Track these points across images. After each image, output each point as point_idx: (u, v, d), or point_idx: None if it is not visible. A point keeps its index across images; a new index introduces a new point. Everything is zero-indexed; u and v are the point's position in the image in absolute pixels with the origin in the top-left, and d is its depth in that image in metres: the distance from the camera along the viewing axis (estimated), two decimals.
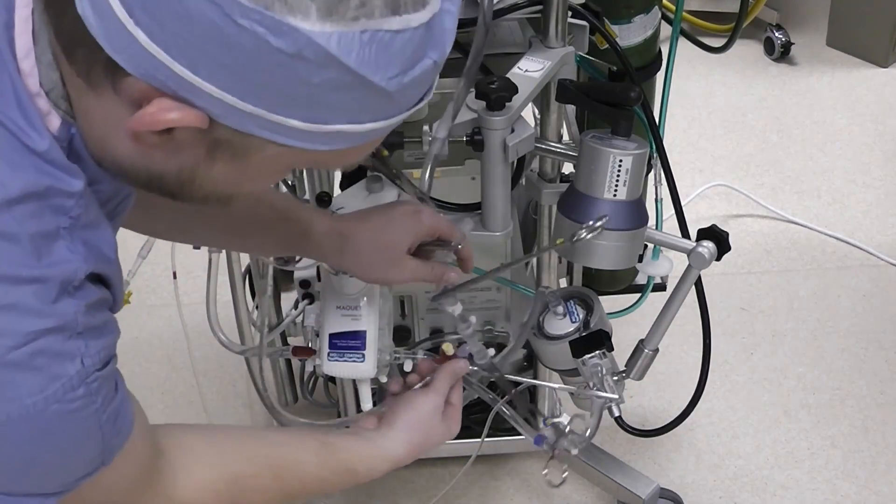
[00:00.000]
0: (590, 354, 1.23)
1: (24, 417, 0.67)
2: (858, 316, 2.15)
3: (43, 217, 0.68)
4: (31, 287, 0.67)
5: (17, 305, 0.66)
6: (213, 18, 0.61)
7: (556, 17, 1.23)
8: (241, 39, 0.61)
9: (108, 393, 0.74)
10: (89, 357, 0.71)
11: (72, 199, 0.70)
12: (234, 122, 0.66)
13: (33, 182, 0.68)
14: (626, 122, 1.14)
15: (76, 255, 0.70)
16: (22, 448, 0.69)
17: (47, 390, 0.68)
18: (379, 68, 0.65)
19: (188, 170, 0.72)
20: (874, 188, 2.52)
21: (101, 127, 0.71)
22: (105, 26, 0.63)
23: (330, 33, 0.62)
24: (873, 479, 1.81)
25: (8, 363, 0.66)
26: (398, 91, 0.67)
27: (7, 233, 0.66)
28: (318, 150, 0.69)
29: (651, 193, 1.35)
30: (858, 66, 3.00)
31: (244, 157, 0.70)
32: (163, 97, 0.65)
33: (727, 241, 1.16)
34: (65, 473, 0.74)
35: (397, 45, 0.65)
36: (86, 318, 0.70)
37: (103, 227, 0.75)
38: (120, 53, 0.64)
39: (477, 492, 1.81)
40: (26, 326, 0.66)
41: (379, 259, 1.08)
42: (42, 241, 0.68)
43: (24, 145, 0.68)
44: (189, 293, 2.09)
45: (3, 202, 0.66)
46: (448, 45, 0.70)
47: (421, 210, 1.09)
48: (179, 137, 0.68)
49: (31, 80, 0.69)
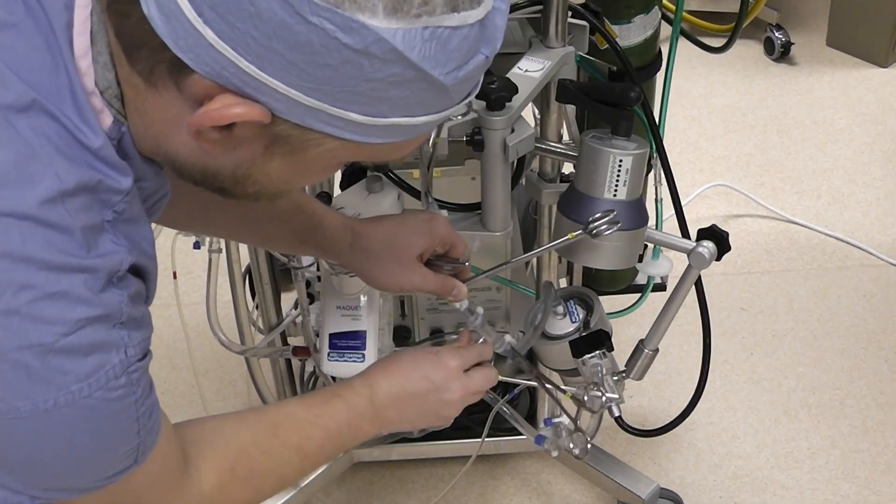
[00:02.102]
0: (590, 354, 1.22)
1: (69, 404, 0.69)
2: (858, 316, 2.15)
3: (92, 210, 0.70)
4: (81, 276, 0.68)
5: (69, 293, 0.68)
6: (284, 16, 0.63)
7: (556, 17, 1.23)
8: (311, 37, 0.64)
9: (146, 385, 0.76)
10: (131, 347, 0.73)
11: (119, 195, 0.72)
12: (296, 117, 0.69)
13: (87, 177, 0.70)
14: (626, 122, 1.14)
15: (120, 247, 0.72)
16: (63, 437, 0.71)
17: (91, 377, 0.70)
18: (438, 63, 0.67)
19: (245, 165, 0.74)
20: (874, 188, 2.52)
21: (158, 124, 0.73)
22: (172, 26, 0.65)
23: (395, 30, 0.64)
24: (873, 479, 1.81)
25: (59, 349, 0.67)
26: (453, 85, 0.70)
27: (61, 224, 0.68)
28: (373, 144, 0.72)
29: (651, 193, 1.34)
30: (858, 66, 3.00)
31: (301, 151, 0.73)
32: (226, 93, 0.67)
33: (727, 241, 1.16)
34: (100, 468, 0.76)
35: (455, 41, 0.67)
36: (129, 309, 0.72)
37: (143, 222, 0.78)
38: (186, 52, 0.66)
39: (477, 492, 1.81)
40: (76, 314, 0.68)
41: (389, 261, 1.08)
42: (91, 233, 0.70)
43: (79, 142, 0.70)
44: (189, 293, 2.09)
45: (59, 194, 0.67)
46: (499, 41, 0.72)
47: (435, 219, 1.10)
48: (240, 133, 0.70)
49: (87, 78, 0.71)
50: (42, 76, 0.69)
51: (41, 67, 0.69)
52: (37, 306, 0.66)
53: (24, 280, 0.66)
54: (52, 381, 0.68)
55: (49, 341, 0.67)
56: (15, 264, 0.66)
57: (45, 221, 0.67)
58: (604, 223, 1.09)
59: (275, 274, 1.56)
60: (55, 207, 0.67)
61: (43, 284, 0.66)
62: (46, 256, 0.67)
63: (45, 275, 0.67)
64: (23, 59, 0.69)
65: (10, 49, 0.69)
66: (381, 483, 1.83)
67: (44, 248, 0.67)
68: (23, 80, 0.68)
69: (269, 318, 1.59)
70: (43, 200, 0.67)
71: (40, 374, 0.67)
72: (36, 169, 0.67)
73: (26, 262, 0.66)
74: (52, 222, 0.67)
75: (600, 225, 1.09)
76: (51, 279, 0.67)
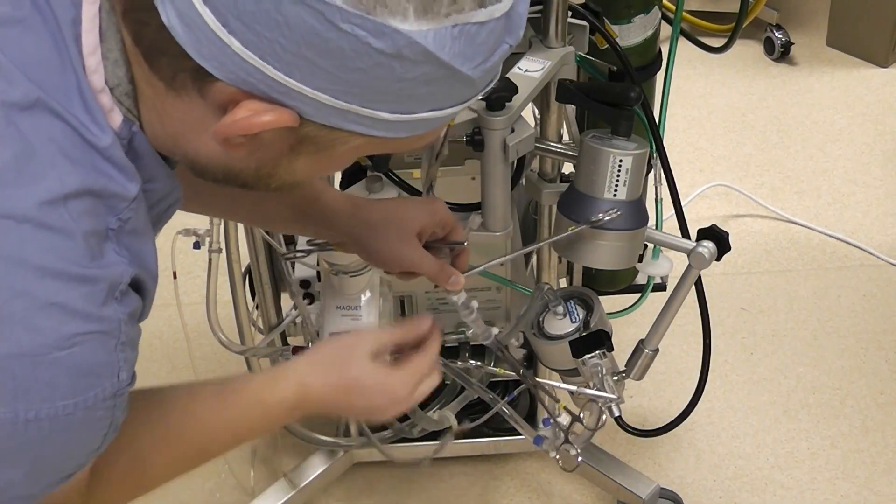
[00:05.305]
0: (590, 354, 1.22)
1: (51, 418, 0.67)
2: (858, 316, 2.15)
3: (96, 216, 0.68)
4: (82, 287, 0.66)
5: (66, 305, 0.65)
6: (313, 24, 0.62)
7: (556, 17, 1.23)
8: (341, 43, 0.63)
9: (125, 405, 0.74)
10: (124, 371, 0.71)
11: (125, 202, 0.71)
12: (324, 119, 0.68)
13: (91, 180, 0.68)
14: (626, 122, 1.14)
15: (122, 258, 0.70)
16: (34, 446, 0.68)
17: (79, 397, 0.68)
18: (467, 59, 0.68)
19: (270, 165, 0.74)
20: (874, 188, 2.52)
21: (178, 125, 0.72)
22: (194, 36, 0.65)
23: (426, 31, 0.64)
24: (873, 479, 1.81)
25: (50, 362, 0.65)
26: (480, 77, 0.70)
27: (62, 228, 0.65)
28: (400, 138, 0.72)
29: (651, 193, 1.34)
30: (858, 66, 3.00)
31: (328, 150, 0.73)
32: (251, 99, 0.67)
33: (727, 241, 1.16)
34: (53, 475, 0.73)
35: (483, 35, 0.68)
36: (127, 329, 0.70)
37: (148, 236, 0.76)
38: (210, 61, 0.65)
39: (477, 492, 1.81)
40: (73, 328, 0.66)
41: (389, 235, 1.07)
42: (94, 239, 0.68)
43: (85, 141, 0.68)
44: (189, 293, 2.09)
45: (61, 196, 0.66)
46: (522, 29, 0.72)
47: (436, 201, 1.11)
48: (266, 136, 0.70)
49: (95, 76, 0.70)
50: (49, 73, 0.68)
51: (48, 64, 0.68)
52: (32, 315, 0.64)
53: (21, 287, 0.64)
54: (38, 393, 0.65)
55: (40, 352, 0.64)
56: (12, 269, 0.63)
57: (46, 224, 0.65)
58: (607, 219, 1.10)
59: (275, 274, 1.56)
60: (56, 210, 0.65)
61: (40, 293, 0.64)
62: (45, 262, 0.64)
63: (44, 282, 0.64)
64: (29, 56, 0.68)
65: (16, 46, 0.68)
66: (381, 483, 1.83)
67: (43, 254, 0.64)
68: (29, 77, 0.67)
69: (269, 318, 1.59)
70: (43, 202, 0.64)
71: (27, 384, 0.65)
72: (37, 169, 0.65)
73: (23, 268, 0.64)
74: (52, 225, 0.65)
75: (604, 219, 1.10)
76: (49, 288, 0.64)
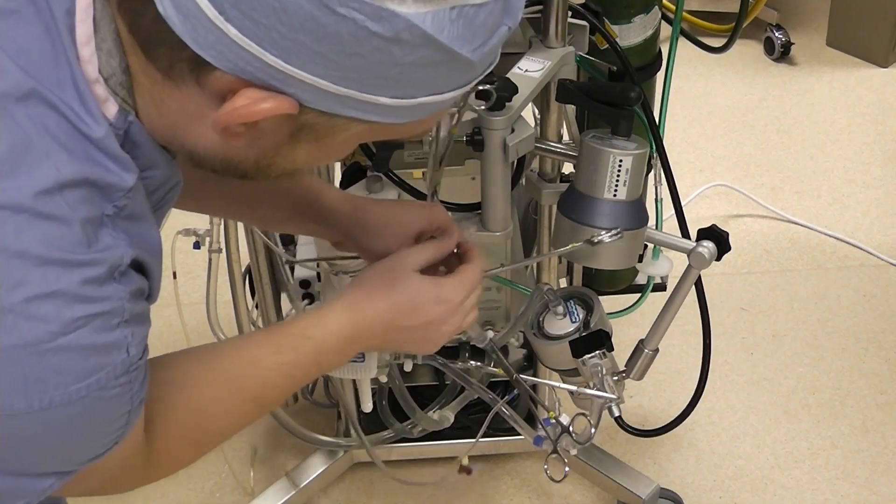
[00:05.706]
0: (590, 354, 1.22)
1: (65, 403, 0.67)
2: (858, 316, 2.15)
3: (92, 203, 0.68)
4: (80, 272, 0.67)
5: (66, 292, 0.66)
6: (311, 9, 0.62)
7: (556, 17, 1.23)
8: (339, 28, 0.63)
9: (143, 379, 0.74)
10: (134, 346, 0.71)
11: (120, 192, 0.71)
12: (323, 105, 0.68)
13: (87, 169, 0.68)
14: (626, 122, 1.14)
15: (119, 241, 0.70)
16: (57, 432, 0.70)
17: (91, 378, 0.68)
18: (465, 41, 0.67)
19: (269, 154, 0.74)
20: (874, 188, 2.52)
21: (175, 115, 0.72)
22: (191, 25, 0.65)
23: (424, 14, 0.64)
24: (873, 479, 1.81)
25: (56, 348, 0.66)
26: (479, 60, 0.70)
27: (59, 216, 0.66)
28: (400, 123, 0.72)
29: (651, 193, 1.34)
30: (858, 66, 3.00)
31: (327, 137, 0.72)
32: (250, 87, 0.67)
33: (727, 241, 1.16)
34: (86, 453, 0.74)
35: (481, 17, 0.67)
36: (131, 306, 0.71)
37: (147, 219, 0.76)
38: (207, 50, 0.65)
39: (477, 492, 1.81)
40: (74, 313, 0.66)
41: (387, 236, 1.07)
42: (90, 226, 0.68)
43: (80, 131, 0.68)
44: (189, 293, 2.09)
45: (57, 185, 0.66)
46: (520, 11, 0.72)
47: (435, 205, 1.11)
48: (265, 125, 0.70)
49: (90, 66, 0.69)
50: (43, 64, 0.68)
51: (42, 55, 0.68)
52: (32, 305, 0.64)
53: (19, 277, 0.64)
54: (49, 381, 0.66)
55: (45, 340, 0.65)
56: (9, 260, 0.64)
57: (43, 213, 0.65)
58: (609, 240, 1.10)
59: (275, 274, 1.56)
60: (53, 199, 0.65)
61: (38, 282, 0.65)
62: (43, 252, 0.65)
63: (42, 271, 0.65)
64: (23, 46, 0.67)
65: (9, 36, 0.67)
66: (381, 483, 1.83)
67: (40, 243, 0.65)
68: (22, 68, 0.67)
69: (269, 318, 1.59)
70: (39, 191, 0.65)
71: (37, 373, 0.66)
72: (32, 159, 0.65)
73: (21, 258, 0.64)
74: (49, 214, 0.65)
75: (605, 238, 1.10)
76: (47, 276, 0.65)
